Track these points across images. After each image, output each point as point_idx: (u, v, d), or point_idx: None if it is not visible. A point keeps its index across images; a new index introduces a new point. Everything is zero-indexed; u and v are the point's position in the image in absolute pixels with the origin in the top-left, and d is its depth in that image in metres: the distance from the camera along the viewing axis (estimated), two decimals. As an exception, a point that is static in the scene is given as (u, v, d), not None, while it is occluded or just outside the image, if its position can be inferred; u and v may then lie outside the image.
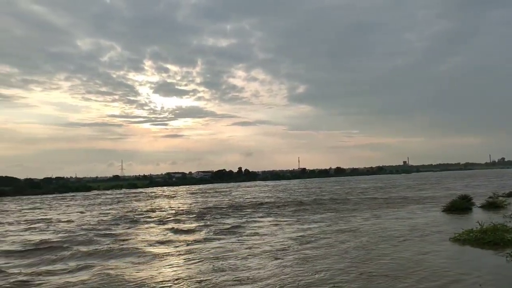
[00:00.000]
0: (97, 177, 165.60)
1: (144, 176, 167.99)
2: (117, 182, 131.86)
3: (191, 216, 27.08)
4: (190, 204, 39.37)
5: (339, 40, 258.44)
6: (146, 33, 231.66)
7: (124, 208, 38.03)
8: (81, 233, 20.42)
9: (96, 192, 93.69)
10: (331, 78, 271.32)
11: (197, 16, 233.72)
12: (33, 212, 37.81)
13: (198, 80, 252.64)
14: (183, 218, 25.98)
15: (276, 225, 20.79)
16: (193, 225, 22.03)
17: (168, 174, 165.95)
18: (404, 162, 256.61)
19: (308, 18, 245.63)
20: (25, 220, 29.06)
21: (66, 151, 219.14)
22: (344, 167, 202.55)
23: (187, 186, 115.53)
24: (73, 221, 26.75)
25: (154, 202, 46.02)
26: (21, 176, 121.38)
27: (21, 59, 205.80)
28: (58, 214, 33.51)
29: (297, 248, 14.14)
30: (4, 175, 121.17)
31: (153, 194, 72.06)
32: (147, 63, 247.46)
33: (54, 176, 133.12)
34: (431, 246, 13.48)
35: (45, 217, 31.24)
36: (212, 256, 13.29)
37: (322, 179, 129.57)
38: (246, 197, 47.25)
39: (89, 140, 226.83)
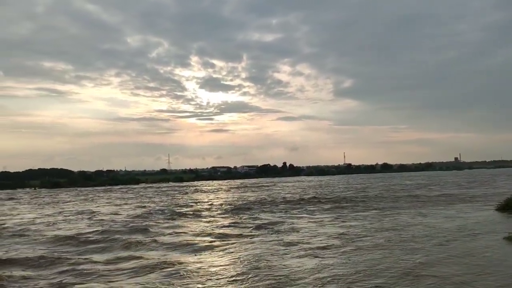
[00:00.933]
0: (145, 170, 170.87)
1: (190, 170, 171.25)
2: (164, 176, 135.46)
3: (230, 211, 27.07)
4: (232, 199, 39.57)
5: (387, 33, 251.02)
6: (193, 29, 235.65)
7: (168, 201, 38.83)
8: (129, 224, 21.06)
9: (144, 185, 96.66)
10: (378, 72, 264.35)
11: (243, 11, 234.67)
12: (84, 202, 39.49)
13: (243, 75, 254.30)
14: (222, 213, 26.04)
15: (315, 222, 20.23)
16: (230, 220, 21.90)
17: (213, 168, 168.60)
18: (456, 158, 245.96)
19: (355, 11, 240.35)
20: (75, 211, 30.35)
21: (116, 145, 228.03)
22: (391, 163, 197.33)
23: (232, 180, 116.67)
24: (120, 213, 27.57)
25: (198, 196, 46.70)
26: (75, 168, 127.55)
27: (75, 56, 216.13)
28: (109, 206, 34.73)
29: (338, 246, 13.60)
30: (59, 168, 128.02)
31: (198, 187, 73.30)
32: (194, 59, 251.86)
33: (105, 169, 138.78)
34: (483, 246, 12.59)
35: (96, 208, 32.51)
36: (247, 253, 12.98)
37: (367, 175, 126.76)
38: (288, 193, 46.91)
39: (137, 134, 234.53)
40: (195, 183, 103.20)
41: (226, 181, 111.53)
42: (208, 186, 78.96)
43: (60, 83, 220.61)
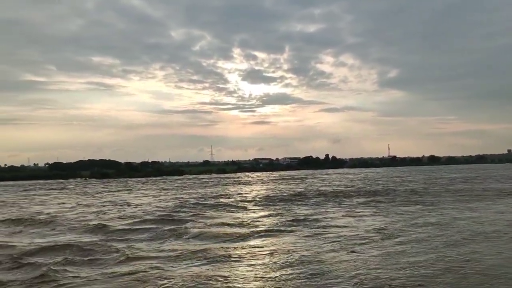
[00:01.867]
0: (188, 162, 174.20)
1: (233, 161, 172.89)
2: (207, 167, 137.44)
3: (266, 203, 26.95)
4: (270, 190, 39.40)
5: (435, 20, 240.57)
6: (235, 21, 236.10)
7: (207, 192, 39.24)
8: (163, 213, 21.45)
9: (187, 176, 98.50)
10: (425, 61, 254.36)
11: (285, 2, 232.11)
12: (126, 193, 40.71)
13: (285, 66, 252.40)
14: (257, 205, 25.94)
15: (353, 215, 19.61)
16: (265, 212, 21.72)
17: (255, 160, 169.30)
18: (509, 150, 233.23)
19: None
20: (122, 201, 31.33)
21: (161, 137, 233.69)
22: (439, 155, 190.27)
23: (274, 172, 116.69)
24: (157, 204, 28.17)
25: (237, 188, 46.93)
26: (122, 159, 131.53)
27: (122, 50, 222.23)
28: (150, 196, 35.59)
29: (377, 241, 13.09)
30: (108, 159, 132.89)
31: (239, 179, 73.80)
32: (236, 51, 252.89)
33: (150, 160, 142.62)
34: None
35: (134, 198, 33.44)
36: (281, 247, 12.67)
37: (413, 168, 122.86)
38: (327, 185, 46.20)
39: (181, 126, 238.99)
40: (237, 174, 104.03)
41: (267, 173, 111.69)
42: (249, 178, 79.37)
43: (108, 77, 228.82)
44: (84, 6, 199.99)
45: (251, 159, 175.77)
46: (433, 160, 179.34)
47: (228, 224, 17.69)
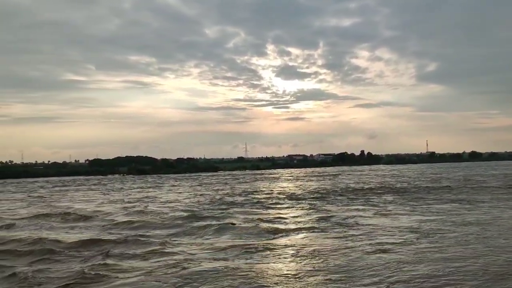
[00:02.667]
0: (223, 158, 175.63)
1: (267, 158, 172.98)
2: (241, 164, 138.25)
3: (297, 200, 26.77)
4: (303, 187, 39.12)
5: (477, 10, 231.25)
6: (268, 17, 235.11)
7: (241, 188, 39.44)
8: (206, 208, 21.72)
9: (222, 172, 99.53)
10: (467, 54, 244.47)
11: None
12: (166, 187, 41.55)
13: (319, 62, 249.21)
14: (289, 202, 25.76)
15: (385, 214, 18.98)
16: (296, 210, 21.54)
17: (289, 156, 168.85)
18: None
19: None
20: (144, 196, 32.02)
21: (196, 134, 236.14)
22: (481, 151, 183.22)
23: (308, 168, 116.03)
24: (202, 197, 28.58)
25: (271, 184, 46.92)
26: (158, 156, 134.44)
27: (157, 49, 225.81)
28: (191, 191, 36.17)
29: (411, 241, 12.62)
30: (144, 155, 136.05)
31: (273, 175, 73.82)
32: (270, 47, 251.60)
33: (185, 157, 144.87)
34: None
35: (165, 194, 34.08)
36: (310, 247, 12.37)
37: (452, 164, 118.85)
38: (361, 182, 45.37)
39: (215, 123, 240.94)
40: (271, 171, 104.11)
41: (301, 169, 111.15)
42: (282, 174, 79.21)
43: (144, 75, 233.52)
44: (121, 6, 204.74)
45: (285, 156, 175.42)
46: (474, 156, 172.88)
47: (258, 220, 17.66)
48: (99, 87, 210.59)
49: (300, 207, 22.96)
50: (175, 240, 14.08)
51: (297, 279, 9.18)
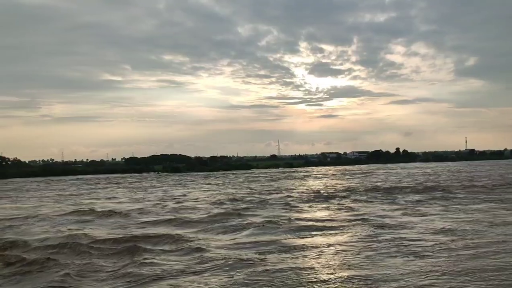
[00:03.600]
0: (256, 156, 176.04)
1: (300, 155, 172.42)
2: (274, 161, 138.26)
3: (328, 198, 26.77)
4: (335, 185, 38.71)
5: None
6: (301, 14, 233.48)
7: (273, 186, 39.49)
8: (239, 206, 22.04)
9: (255, 170, 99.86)
10: (507, 48, 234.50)
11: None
12: (200, 185, 42.22)
13: (353, 58, 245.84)
14: (320, 200, 25.77)
15: (417, 214, 18.52)
16: (326, 209, 21.47)
17: (323, 154, 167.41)
18: None
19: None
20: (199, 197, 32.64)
21: (229, 132, 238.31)
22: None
23: (341, 166, 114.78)
24: (236, 194, 28.92)
25: (303, 182, 46.71)
26: (192, 154, 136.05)
27: (191, 48, 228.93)
28: (225, 189, 36.63)
29: (444, 244, 12.25)
30: (179, 154, 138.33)
31: (305, 173, 73.45)
32: (302, 45, 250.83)
33: (219, 155, 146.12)
34: None
35: (196, 192, 34.65)
36: (334, 249, 12.20)
37: (493, 162, 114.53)
38: (393, 180, 44.32)
39: (248, 121, 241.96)
40: (304, 169, 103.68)
41: (334, 167, 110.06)
42: (315, 172, 78.70)
43: (178, 74, 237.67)
44: (156, 6, 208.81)
45: (318, 153, 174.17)
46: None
47: (288, 219, 17.68)
48: (134, 87, 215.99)
49: (330, 205, 22.84)
50: (211, 236, 14.48)
51: (320, 279, 9.16)
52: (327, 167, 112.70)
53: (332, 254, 11.57)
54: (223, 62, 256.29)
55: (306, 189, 36.03)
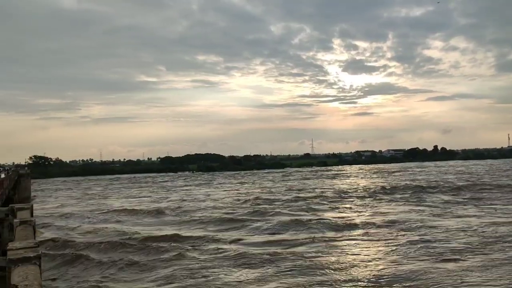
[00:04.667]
0: (289, 155, 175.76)
1: (334, 154, 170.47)
2: (308, 160, 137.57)
3: (360, 199, 26.54)
4: (368, 184, 37.98)
5: None
6: (334, 11, 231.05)
7: (307, 184, 39.28)
8: (274, 203, 22.29)
9: (289, 169, 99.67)
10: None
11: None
12: (236, 184, 42.65)
13: (388, 55, 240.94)
14: (352, 200, 25.68)
15: (451, 215, 18.04)
16: (359, 209, 21.35)
17: (357, 152, 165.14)
18: None
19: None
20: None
21: (262, 131, 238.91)
22: None
23: (376, 164, 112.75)
24: (271, 193, 29.10)
25: (334, 181, 46.21)
26: (226, 153, 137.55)
27: (224, 48, 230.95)
28: (261, 187, 36.86)
29: (479, 247, 11.84)
30: (212, 153, 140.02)
31: (339, 172, 72.55)
32: (336, 42, 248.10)
33: (252, 154, 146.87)
34: None
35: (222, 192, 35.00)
36: (365, 251, 12.15)
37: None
38: (427, 179, 42.66)
39: (281, 120, 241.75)
40: (338, 167, 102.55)
41: (369, 165, 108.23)
42: (349, 171, 77.61)
43: (211, 74, 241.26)
44: (189, 8, 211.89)
45: (352, 152, 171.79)
46: None
47: (314, 218, 17.69)
48: (169, 87, 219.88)
49: (363, 205, 22.77)
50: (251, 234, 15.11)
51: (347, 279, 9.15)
52: (362, 165, 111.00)
53: (360, 258, 11.51)
54: (256, 61, 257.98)
55: (342, 188, 35.74)
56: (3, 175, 23.53)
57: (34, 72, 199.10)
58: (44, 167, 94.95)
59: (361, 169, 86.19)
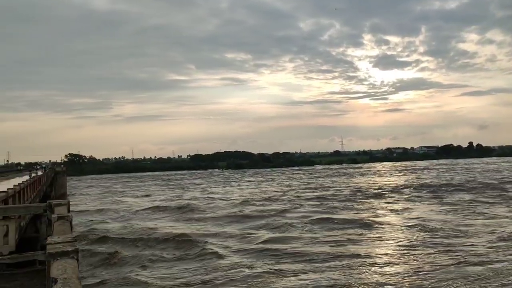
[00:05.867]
0: (319, 152, 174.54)
1: (364, 151, 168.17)
2: (337, 157, 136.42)
3: (388, 198, 26.29)
4: (398, 183, 37.31)
5: None
6: (365, 5, 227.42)
7: (336, 182, 38.93)
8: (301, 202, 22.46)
9: (318, 166, 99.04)
10: None
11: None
12: (266, 181, 42.74)
13: (421, 49, 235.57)
14: (381, 198, 25.55)
15: (482, 216, 17.64)
16: (385, 210, 21.13)
17: (388, 149, 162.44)
18: None
19: None
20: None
21: (291, 128, 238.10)
22: None
23: (407, 162, 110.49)
24: (301, 191, 29.07)
25: (368, 178, 45.63)
26: (255, 151, 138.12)
27: (253, 46, 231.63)
28: (292, 185, 36.86)
29: (504, 251, 11.49)
30: (242, 150, 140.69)
31: (371, 169, 71.53)
32: (366, 37, 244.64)
33: (281, 151, 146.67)
34: None
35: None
36: (397, 255, 12.15)
37: None
38: (464, 178, 41.47)
39: (311, 117, 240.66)
40: (369, 165, 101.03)
41: (402, 162, 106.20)
42: (379, 168, 76.36)
43: (240, 72, 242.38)
44: (219, 6, 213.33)
45: (383, 149, 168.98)
46: None
47: (350, 217, 17.63)
48: (199, 86, 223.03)
49: (391, 204, 22.69)
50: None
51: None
52: (393, 162, 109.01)
53: (393, 259, 11.47)
54: (285, 58, 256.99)
55: (372, 186, 35.34)
56: (40, 173, 24.37)
57: (68, 73, 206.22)
58: (78, 165, 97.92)
59: (394, 166, 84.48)
